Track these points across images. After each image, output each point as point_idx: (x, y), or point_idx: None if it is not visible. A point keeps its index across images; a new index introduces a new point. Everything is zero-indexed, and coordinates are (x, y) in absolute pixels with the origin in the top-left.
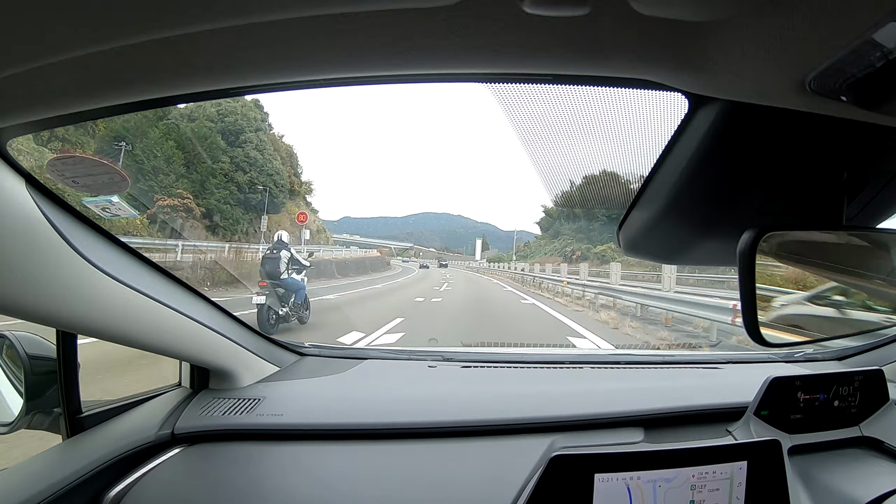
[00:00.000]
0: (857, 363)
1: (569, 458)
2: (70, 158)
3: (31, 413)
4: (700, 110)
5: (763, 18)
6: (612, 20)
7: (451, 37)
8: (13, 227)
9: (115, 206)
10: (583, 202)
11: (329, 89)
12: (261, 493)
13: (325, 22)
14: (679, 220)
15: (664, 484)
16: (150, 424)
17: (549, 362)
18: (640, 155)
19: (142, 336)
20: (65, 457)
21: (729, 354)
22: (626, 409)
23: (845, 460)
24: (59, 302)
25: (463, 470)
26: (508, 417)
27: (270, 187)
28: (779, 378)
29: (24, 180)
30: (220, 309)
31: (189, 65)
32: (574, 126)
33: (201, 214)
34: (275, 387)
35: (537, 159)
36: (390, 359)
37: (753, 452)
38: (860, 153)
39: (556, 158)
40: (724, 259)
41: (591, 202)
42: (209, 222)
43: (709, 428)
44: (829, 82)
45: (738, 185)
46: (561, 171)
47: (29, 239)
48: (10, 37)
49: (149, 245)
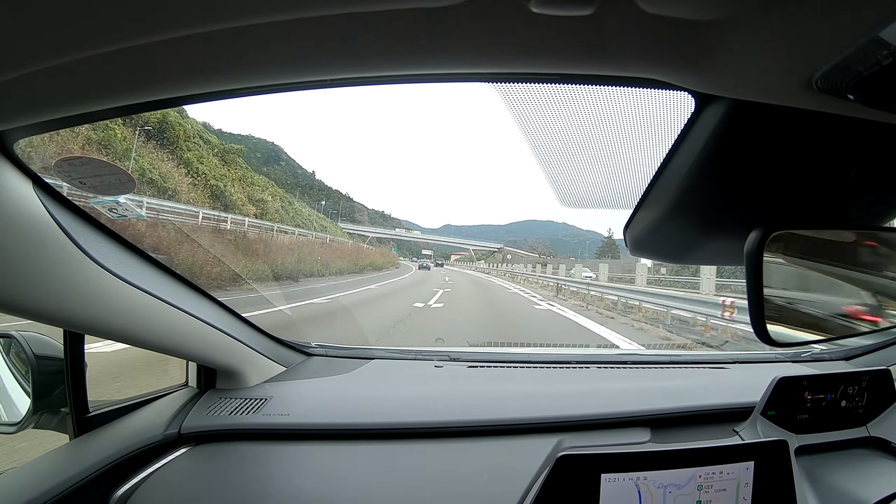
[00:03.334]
0: (864, 363)
1: (575, 457)
2: (77, 160)
3: (38, 413)
4: (706, 109)
5: (769, 17)
6: (619, 19)
7: (456, 36)
8: (21, 228)
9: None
10: (590, 202)
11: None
12: (267, 492)
13: (331, 22)
14: (686, 219)
15: (671, 484)
16: (157, 424)
17: (555, 362)
18: (647, 154)
19: (149, 336)
20: (72, 456)
21: (735, 354)
22: (633, 408)
23: (852, 461)
24: (66, 302)
25: (469, 469)
26: (515, 417)
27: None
28: (786, 378)
29: (32, 181)
30: (227, 309)
31: (194, 66)
32: (580, 126)
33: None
34: (281, 386)
35: (543, 159)
36: (397, 359)
37: (760, 453)
38: (867, 152)
39: (563, 158)
40: (730, 258)
41: (597, 202)
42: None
43: (715, 428)
44: (836, 81)
45: (745, 185)
46: (567, 170)
47: (36, 239)
48: (16, 39)
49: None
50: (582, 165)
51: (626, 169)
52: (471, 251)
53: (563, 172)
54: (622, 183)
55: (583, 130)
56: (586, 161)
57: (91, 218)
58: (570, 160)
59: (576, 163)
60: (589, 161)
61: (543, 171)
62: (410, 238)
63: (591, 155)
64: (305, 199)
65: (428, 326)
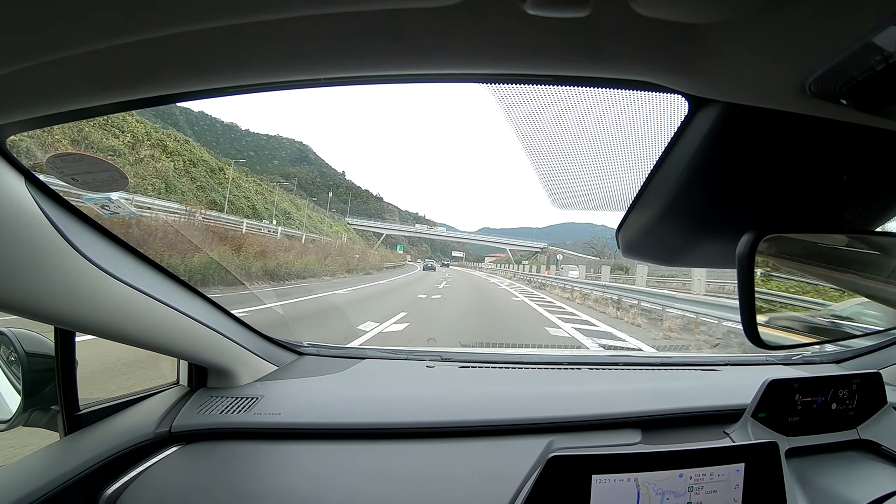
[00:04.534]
0: (854, 366)
1: (566, 458)
2: (70, 156)
3: (28, 410)
4: (700, 112)
5: (763, 21)
6: (613, 22)
7: (451, 37)
8: (12, 225)
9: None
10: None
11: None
12: (258, 491)
13: (328, 21)
14: (678, 222)
15: (661, 485)
16: (148, 422)
17: (547, 363)
18: (640, 156)
19: (140, 334)
20: (62, 454)
21: (727, 356)
22: (624, 410)
23: (843, 463)
24: (57, 299)
25: (461, 470)
26: (506, 418)
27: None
28: (777, 380)
29: (24, 177)
30: (219, 307)
31: (190, 63)
32: (573, 127)
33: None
34: (273, 386)
35: (537, 160)
36: (388, 359)
37: (751, 454)
38: (860, 156)
39: (556, 160)
40: (723, 261)
41: (590, 204)
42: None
43: (706, 430)
44: (829, 85)
45: (738, 188)
46: (560, 172)
47: (28, 236)
48: (10, 33)
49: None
50: (575, 167)
51: (618, 171)
52: (508, 252)
53: (556, 174)
54: (615, 185)
55: (575, 132)
56: (579, 163)
57: (83, 215)
58: (563, 161)
59: (569, 164)
60: (582, 163)
61: (536, 172)
62: (434, 235)
63: (584, 157)
64: (323, 198)
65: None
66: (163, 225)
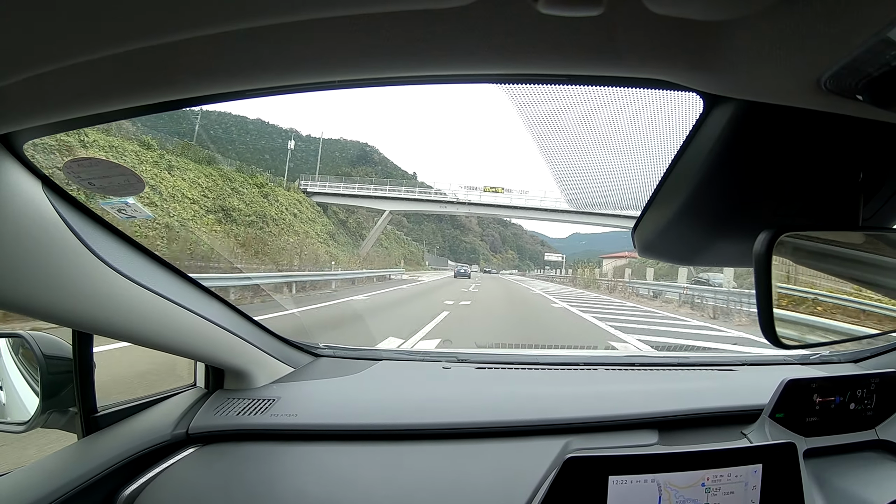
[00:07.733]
0: (873, 366)
1: (583, 459)
2: (86, 161)
3: (46, 412)
4: (715, 110)
5: (778, 17)
6: (627, 20)
7: (464, 38)
8: (30, 229)
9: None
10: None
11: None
12: (274, 492)
13: (340, 24)
14: (694, 220)
15: (678, 486)
16: (165, 424)
17: (563, 364)
18: (655, 155)
19: (157, 336)
20: (80, 456)
21: (744, 356)
22: (641, 410)
23: (861, 464)
24: (74, 302)
25: (477, 471)
26: (523, 419)
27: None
28: (794, 380)
29: (41, 182)
30: (235, 309)
31: (204, 67)
32: (588, 127)
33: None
34: (289, 387)
35: (552, 160)
36: (404, 360)
37: (769, 455)
38: (876, 153)
39: (572, 159)
40: (739, 260)
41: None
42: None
43: (723, 430)
44: (845, 81)
45: (754, 186)
46: (576, 171)
47: (45, 240)
48: (26, 41)
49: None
50: (591, 168)
51: (633, 170)
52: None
53: (573, 175)
54: (630, 184)
55: (590, 131)
56: (596, 163)
57: (100, 218)
58: (578, 161)
59: (584, 164)
60: (598, 163)
61: (552, 174)
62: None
63: (599, 156)
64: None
65: None
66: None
